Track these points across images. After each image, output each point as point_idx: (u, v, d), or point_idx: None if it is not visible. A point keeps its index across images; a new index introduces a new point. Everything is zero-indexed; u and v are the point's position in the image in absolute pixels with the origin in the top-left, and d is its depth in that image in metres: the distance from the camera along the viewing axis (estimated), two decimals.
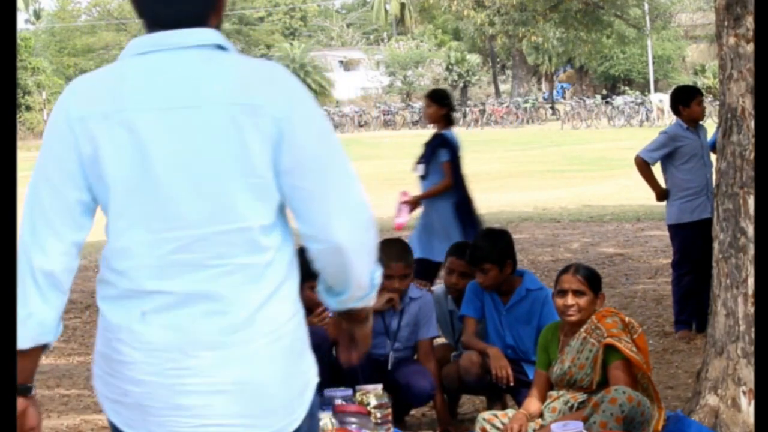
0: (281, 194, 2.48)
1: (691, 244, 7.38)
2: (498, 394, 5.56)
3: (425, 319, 5.50)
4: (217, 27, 2.59)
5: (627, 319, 4.82)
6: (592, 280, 4.81)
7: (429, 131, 8.14)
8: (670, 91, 8.24)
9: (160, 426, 2.48)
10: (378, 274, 2.59)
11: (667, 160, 7.50)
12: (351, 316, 2.67)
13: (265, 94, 2.44)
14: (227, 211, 2.43)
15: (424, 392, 5.36)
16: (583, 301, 4.76)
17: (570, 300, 4.77)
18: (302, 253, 2.68)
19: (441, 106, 7.75)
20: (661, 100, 37.03)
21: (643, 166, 7.52)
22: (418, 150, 7.98)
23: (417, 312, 5.48)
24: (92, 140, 2.45)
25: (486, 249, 5.42)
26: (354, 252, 2.49)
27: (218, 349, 2.44)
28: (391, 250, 5.39)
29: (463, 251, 5.71)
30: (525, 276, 5.56)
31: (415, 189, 7.86)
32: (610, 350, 4.68)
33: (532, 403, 4.85)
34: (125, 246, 2.47)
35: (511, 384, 5.29)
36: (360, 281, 2.55)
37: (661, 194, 7.62)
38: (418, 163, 7.85)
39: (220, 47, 2.53)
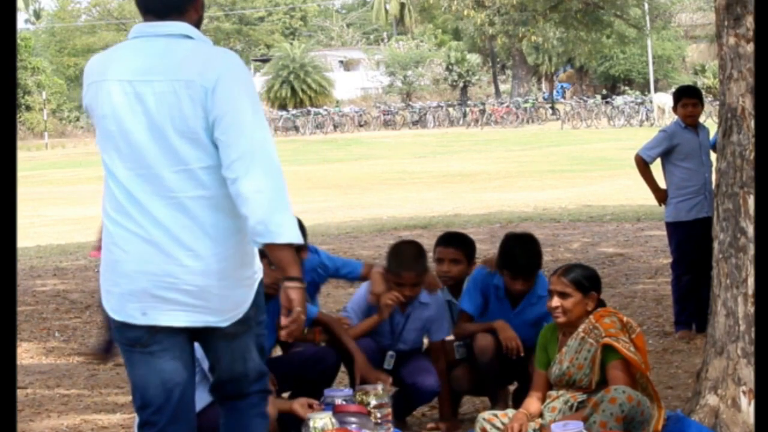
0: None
1: (687, 243, 7.40)
2: (506, 380, 5.58)
3: (437, 322, 5.49)
4: (198, 19, 3.49)
5: (625, 318, 4.82)
6: (578, 282, 4.79)
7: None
8: (670, 91, 8.34)
9: (139, 310, 3.42)
10: (277, 222, 3.29)
11: (665, 159, 7.54)
12: (279, 270, 3.38)
13: (200, 71, 3.34)
14: (173, 156, 3.36)
15: (429, 390, 5.37)
16: (568, 302, 4.77)
17: (555, 302, 4.79)
18: None
19: None
20: (665, 103, 36.85)
21: (642, 164, 7.56)
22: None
23: (427, 317, 5.47)
24: (92, 100, 3.46)
25: (534, 264, 5.40)
26: (250, 191, 3.29)
27: (180, 260, 3.36)
28: (403, 257, 5.34)
29: (448, 239, 5.72)
30: (538, 281, 5.51)
31: None
32: (608, 350, 4.68)
33: (532, 403, 4.85)
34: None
35: (521, 354, 5.27)
36: (255, 217, 3.30)
37: (662, 197, 7.64)
38: None
39: (187, 36, 3.43)
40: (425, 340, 5.68)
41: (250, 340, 3.57)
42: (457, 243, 5.69)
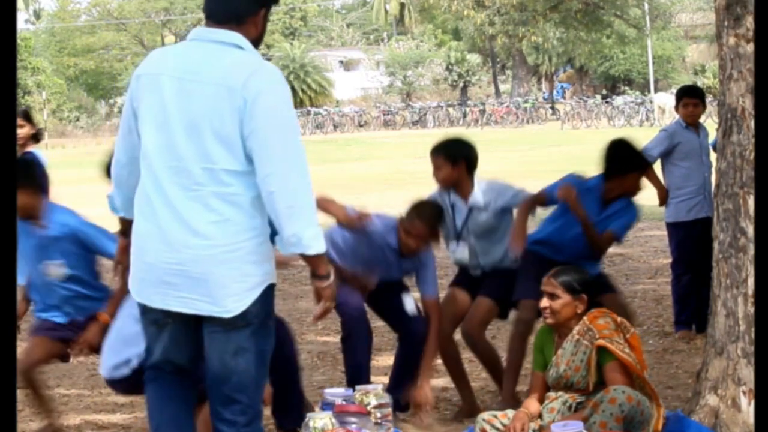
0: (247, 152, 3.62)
1: (687, 243, 7.41)
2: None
3: (425, 269, 5.66)
4: (258, 36, 3.74)
5: (619, 319, 4.82)
6: (567, 284, 4.80)
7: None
8: (670, 91, 8.36)
9: (155, 294, 3.74)
10: (308, 236, 3.62)
11: (665, 159, 7.54)
12: (311, 272, 3.80)
13: (243, 81, 3.57)
14: (204, 154, 3.61)
15: (420, 333, 5.56)
16: (556, 304, 4.78)
17: (544, 302, 4.81)
18: None
19: (33, 125, 7.88)
20: (665, 103, 36.77)
21: None
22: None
23: (417, 261, 5.63)
24: (141, 90, 3.71)
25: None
26: (283, 206, 3.58)
27: (193, 249, 3.63)
28: (422, 209, 5.55)
29: (433, 147, 5.91)
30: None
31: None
32: (603, 352, 4.68)
33: (532, 404, 4.85)
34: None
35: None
36: (288, 231, 3.62)
37: (664, 197, 7.63)
38: None
39: (238, 47, 3.67)
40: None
41: (247, 339, 3.73)
42: (438, 150, 5.87)
